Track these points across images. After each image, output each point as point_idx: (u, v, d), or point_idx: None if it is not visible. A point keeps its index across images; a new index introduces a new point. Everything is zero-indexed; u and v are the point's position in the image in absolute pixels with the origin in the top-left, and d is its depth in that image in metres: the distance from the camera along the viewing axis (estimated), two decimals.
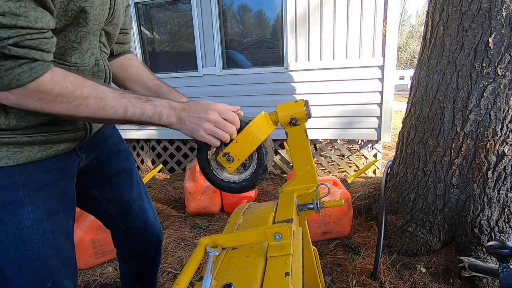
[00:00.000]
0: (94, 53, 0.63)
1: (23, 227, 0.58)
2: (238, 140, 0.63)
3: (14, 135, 0.57)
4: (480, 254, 1.49)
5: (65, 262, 0.66)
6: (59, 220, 0.65)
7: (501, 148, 1.49)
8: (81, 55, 0.60)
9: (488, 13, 1.41)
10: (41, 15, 0.47)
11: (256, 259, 0.51)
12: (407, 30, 34.22)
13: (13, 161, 0.57)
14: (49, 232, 0.62)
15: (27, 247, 0.59)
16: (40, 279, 0.61)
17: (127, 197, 0.86)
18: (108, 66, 0.70)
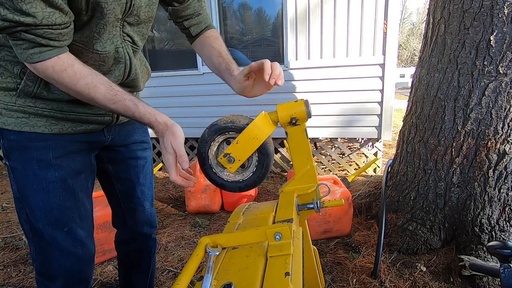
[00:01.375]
0: (114, 42, 0.70)
1: (48, 181, 0.74)
2: (238, 141, 0.63)
3: (53, 110, 0.71)
4: (480, 253, 1.49)
5: (81, 215, 0.80)
6: (80, 180, 0.79)
7: (502, 146, 1.49)
8: (102, 44, 0.68)
9: (489, 11, 1.41)
10: (48, 15, 0.55)
11: (256, 259, 0.51)
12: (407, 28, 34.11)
13: (48, 130, 0.72)
14: (70, 189, 0.77)
15: (50, 197, 0.74)
16: (59, 223, 0.76)
17: (134, 180, 0.96)
18: (129, 55, 0.76)
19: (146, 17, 0.75)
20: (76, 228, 0.79)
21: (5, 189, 3.28)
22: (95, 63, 0.70)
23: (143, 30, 0.78)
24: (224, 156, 0.65)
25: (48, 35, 0.57)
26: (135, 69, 0.79)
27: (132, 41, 0.76)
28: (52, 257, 0.77)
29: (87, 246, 0.82)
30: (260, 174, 0.69)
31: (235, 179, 0.70)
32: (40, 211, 0.74)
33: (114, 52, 0.72)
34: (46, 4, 0.53)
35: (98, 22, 0.64)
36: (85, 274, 0.83)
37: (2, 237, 2.19)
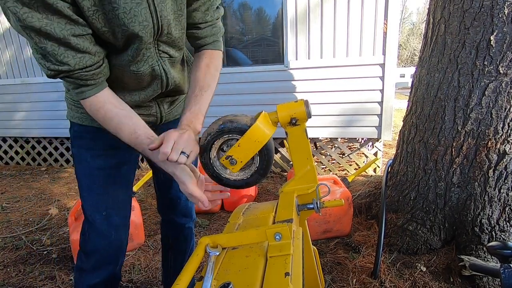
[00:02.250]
0: (149, 62, 0.75)
1: (94, 168, 0.85)
2: (240, 144, 0.64)
3: None
4: (480, 253, 1.49)
5: (119, 204, 0.90)
6: (122, 171, 0.89)
7: (502, 146, 1.49)
8: (137, 65, 0.74)
9: (490, 11, 1.41)
10: (79, 60, 0.63)
11: (256, 259, 0.51)
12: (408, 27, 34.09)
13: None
14: (111, 178, 0.87)
15: (94, 182, 0.86)
16: (99, 207, 0.86)
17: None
18: (165, 70, 0.80)
19: (178, 32, 0.77)
20: (112, 215, 0.88)
21: (5, 189, 3.28)
22: (135, 81, 0.78)
23: (179, 43, 0.81)
24: (226, 158, 0.65)
25: (84, 77, 0.66)
26: (173, 81, 0.84)
27: (169, 56, 0.80)
28: (90, 236, 0.88)
29: (120, 233, 0.91)
30: (261, 173, 0.70)
31: (236, 178, 0.71)
32: (86, 194, 0.87)
33: (151, 71, 0.77)
34: (76, 51, 0.62)
35: (132, 47, 0.70)
36: (115, 257, 0.92)
37: (2, 237, 2.19)
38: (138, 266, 1.76)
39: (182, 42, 0.82)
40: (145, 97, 0.83)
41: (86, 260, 0.90)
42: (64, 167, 4.01)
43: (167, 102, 0.93)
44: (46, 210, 2.63)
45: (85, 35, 0.62)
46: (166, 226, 1.21)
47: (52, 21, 0.56)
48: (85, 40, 0.62)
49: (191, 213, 1.18)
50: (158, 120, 0.92)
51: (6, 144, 4.24)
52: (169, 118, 0.96)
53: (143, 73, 0.76)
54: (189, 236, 1.21)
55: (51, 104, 3.70)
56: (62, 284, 1.65)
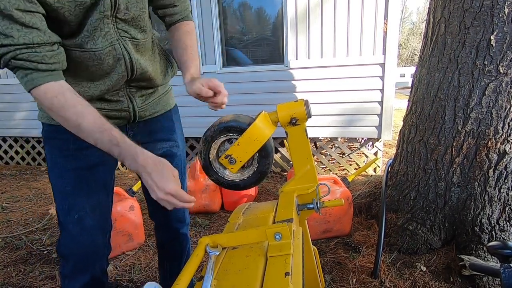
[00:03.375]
0: (108, 39, 0.72)
1: (66, 169, 0.81)
2: (239, 143, 0.63)
3: None
4: (480, 253, 1.49)
5: (93, 207, 0.84)
6: (97, 173, 0.84)
7: (503, 146, 1.49)
8: (94, 42, 0.70)
9: (490, 11, 1.40)
10: (24, 34, 0.58)
11: (256, 259, 0.51)
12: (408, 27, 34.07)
13: None
14: (84, 179, 0.82)
15: (66, 184, 0.81)
16: (71, 210, 0.82)
17: None
18: (127, 50, 0.76)
19: (137, 10, 0.76)
20: (85, 218, 0.83)
21: (5, 189, 3.28)
22: (95, 64, 0.72)
23: (140, 23, 0.79)
24: (226, 157, 0.65)
25: (33, 58, 0.60)
26: (138, 64, 0.79)
27: (130, 36, 0.77)
28: (64, 240, 0.85)
29: (94, 237, 0.85)
30: (260, 173, 0.69)
31: (236, 178, 0.70)
32: (58, 196, 0.83)
33: (111, 50, 0.73)
34: (21, 25, 0.58)
35: (86, 23, 0.67)
36: (91, 261, 0.86)
37: (2, 237, 2.19)
38: (138, 266, 1.76)
39: (143, 22, 0.79)
40: (111, 84, 0.78)
41: (65, 265, 0.86)
42: None
43: (140, 96, 0.88)
44: (46, 210, 2.63)
45: (33, 12, 0.59)
46: (160, 231, 1.17)
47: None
48: (33, 17, 0.59)
49: (184, 217, 1.13)
50: (131, 116, 0.86)
51: (6, 144, 4.24)
52: (145, 115, 0.90)
53: (102, 51, 0.72)
54: (184, 241, 1.17)
55: None
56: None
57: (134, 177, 3.37)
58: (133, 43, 0.78)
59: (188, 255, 1.20)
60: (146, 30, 0.82)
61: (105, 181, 0.88)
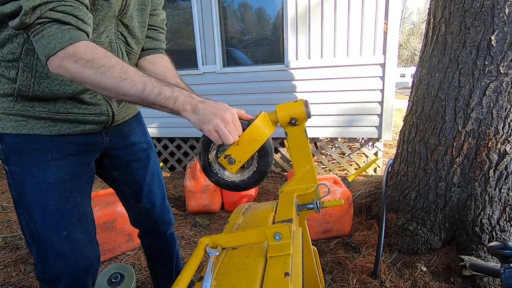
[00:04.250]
0: (109, 35, 0.74)
1: (47, 183, 0.73)
2: (239, 142, 0.63)
3: (50, 112, 0.72)
4: (481, 253, 1.48)
5: (81, 218, 0.79)
6: (80, 182, 0.79)
7: (503, 146, 1.49)
8: (98, 34, 0.71)
9: (490, 11, 1.40)
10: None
11: (256, 259, 0.51)
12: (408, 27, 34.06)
13: (47, 132, 0.73)
14: (68, 191, 0.76)
15: (49, 199, 0.73)
16: (57, 227, 0.74)
17: (141, 182, 0.99)
18: (121, 51, 0.79)
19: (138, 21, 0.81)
20: (75, 232, 0.77)
21: (5, 188, 3.28)
22: None
23: (137, 34, 0.83)
24: (225, 157, 0.64)
25: (77, 12, 0.57)
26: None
27: (125, 42, 0.81)
28: (51, 262, 0.75)
29: (86, 251, 0.79)
30: (260, 174, 0.69)
31: (236, 179, 0.70)
32: (38, 215, 0.73)
33: (108, 46, 0.76)
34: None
35: (97, 14, 0.69)
36: (84, 278, 0.80)
37: (3, 237, 2.19)
38: (138, 266, 1.76)
39: (141, 35, 0.84)
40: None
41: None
42: None
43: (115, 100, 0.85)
44: None
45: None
46: (147, 238, 1.13)
47: None
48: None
49: (169, 218, 1.11)
50: (110, 119, 0.83)
51: None
52: (119, 118, 0.88)
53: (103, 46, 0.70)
54: (172, 242, 1.16)
55: None
56: None
57: None
58: (126, 49, 0.82)
59: (177, 256, 1.19)
60: (141, 44, 0.86)
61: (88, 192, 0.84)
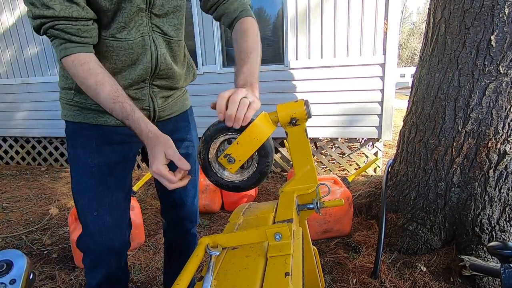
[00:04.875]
0: (140, 30, 0.76)
1: (89, 166, 0.84)
2: (239, 141, 0.62)
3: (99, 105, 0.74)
4: (480, 253, 1.48)
5: (112, 203, 0.87)
6: (117, 170, 0.87)
7: (503, 146, 1.49)
8: (128, 31, 0.75)
9: (490, 11, 1.40)
10: (65, 8, 0.64)
11: (256, 259, 0.51)
12: (408, 27, 34.06)
13: (95, 121, 0.84)
14: (104, 175, 0.85)
15: (88, 180, 0.84)
16: (91, 206, 0.85)
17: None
18: (155, 43, 0.80)
19: (171, 7, 0.78)
20: (104, 215, 0.85)
21: (5, 189, 3.28)
22: (126, 52, 0.77)
23: (173, 20, 0.81)
24: (225, 156, 0.64)
25: (68, 30, 0.66)
26: (164, 58, 0.82)
27: (162, 32, 0.80)
28: (83, 237, 0.88)
29: (112, 234, 0.87)
30: (260, 173, 0.69)
31: (235, 179, 0.70)
32: (79, 193, 0.86)
33: (141, 40, 0.77)
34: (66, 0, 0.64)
35: (123, 12, 0.72)
36: (107, 258, 0.89)
37: (2, 237, 2.19)
38: (138, 266, 1.76)
39: (177, 20, 0.82)
40: (136, 76, 0.80)
41: (85, 259, 0.90)
42: (64, 167, 4.01)
43: (161, 97, 0.90)
44: (47, 210, 2.64)
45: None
46: (170, 231, 1.17)
47: None
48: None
49: (195, 218, 1.14)
50: (150, 115, 0.89)
51: (6, 144, 4.25)
52: (164, 115, 0.93)
53: (134, 41, 0.76)
54: (193, 242, 1.18)
55: (51, 104, 3.70)
56: (62, 283, 1.66)
57: (134, 177, 3.37)
58: (164, 39, 0.81)
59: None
60: (181, 29, 0.84)
61: (123, 180, 0.90)
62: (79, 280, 1.68)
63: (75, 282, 1.66)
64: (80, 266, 1.76)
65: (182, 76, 0.93)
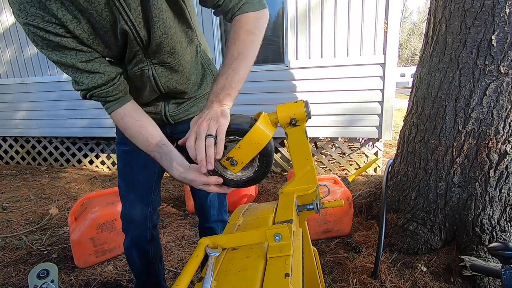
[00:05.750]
0: (139, 66, 0.85)
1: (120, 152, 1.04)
2: (240, 146, 0.63)
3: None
4: (481, 253, 1.48)
5: (134, 183, 1.05)
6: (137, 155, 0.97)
7: (503, 146, 1.48)
8: (132, 66, 0.85)
9: (491, 10, 1.40)
10: (91, 80, 0.77)
11: (256, 260, 0.51)
12: (408, 27, 34.05)
13: None
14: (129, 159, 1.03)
15: (119, 163, 1.06)
16: (121, 185, 1.07)
17: None
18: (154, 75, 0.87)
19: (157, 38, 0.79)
20: (128, 193, 1.05)
21: (5, 188, 3.28)
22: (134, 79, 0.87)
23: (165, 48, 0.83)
24: (227, 159, 0.65)
25: (102, 95, 0.79)
26: (165, 86, 0.90)
27: (159, 62, 0.85)
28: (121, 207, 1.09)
29: (133, 209, 1.06)
30: (261, 173, 0.70)
31: (237, 178, 0.71)
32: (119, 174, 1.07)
33: (141, 73, 0.85)
34: (88, 73, 0.76)
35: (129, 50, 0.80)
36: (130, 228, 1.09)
37: (2, 237, 2.20)
38: None
39: (168, 47, 0.81)
40: (145, 97, 0.92)
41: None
42: (64, 167, 4.01)
43: (174, 103, 0.98)
44: (46, 209, 2.64)
45: (92, 59, 0.75)
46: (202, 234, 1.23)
47: (65, 54, 0.73)
48: (94, 64, 0.76)
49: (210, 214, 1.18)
50: (163, 118, 0.98)
51: (6, 144, 4.25)
52: (179, 117, 1.01)
53: (135, 74, 0.85)
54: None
55: (51, 104, 3.70)
56: (62, 283, 1.65)
57: None
58: (165, 67, 0.86)
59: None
60: (175, 52, 0.84)
61: (147, 165, 1.03)
62: (79, 280, 1.68)
63: (75, 282, 1.66)
64: (80, 266, 1.76)
65: (196, 85, 0.98)
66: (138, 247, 1.12)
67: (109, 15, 0.71)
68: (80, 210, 1.90)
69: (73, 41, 0.72)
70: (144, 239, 1.11)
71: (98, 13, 0.70)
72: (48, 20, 0.68)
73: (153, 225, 1.12)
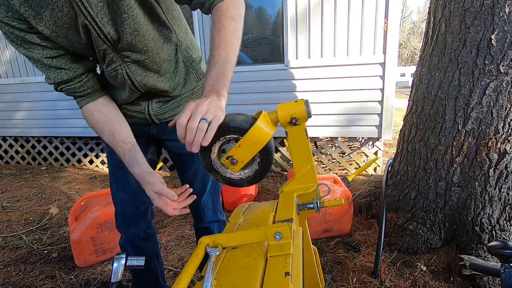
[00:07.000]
0: (112, 66, 0.83)
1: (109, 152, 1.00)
2: (241, 144, 0.63)
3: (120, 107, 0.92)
4: (480, 252, 1.49)
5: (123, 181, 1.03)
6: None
7: (503, 146, 1.49)
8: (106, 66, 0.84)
9: (491, 10, 1.40)
10: (57, 75, 0.79)
11: (256, 259, 0.51)
12: (408, 26, 34.05)
13: None
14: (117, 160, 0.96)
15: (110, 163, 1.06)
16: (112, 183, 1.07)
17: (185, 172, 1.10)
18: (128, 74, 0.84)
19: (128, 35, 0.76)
20: (118, 191, 1.06)
21: (5, 188, 3.28)
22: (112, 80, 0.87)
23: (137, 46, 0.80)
24: (227, 158, 0.65)
25: (69, 90, 0.82)
26: (143, 84, 0.86)
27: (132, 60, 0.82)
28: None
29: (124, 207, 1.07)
30: (261, 172, 0.70)
31: (237, 177, 0.71)
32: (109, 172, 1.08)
33: (115, 74, 0.83)
34: (53, 68, 0.78)
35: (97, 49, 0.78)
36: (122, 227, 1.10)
37: (3, 236, 2.20)
38: None
39: (141, 45, 0.79)
40: (127, 97, 0.90)
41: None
42: (64, 167, 4.01)
43: (157, 102, 0.95)
44: (47, 209, 2.64)
45: (58, 56, 0.76)
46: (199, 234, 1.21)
47: (32, 49, 0.74)
48: (60, 60, 0.77)
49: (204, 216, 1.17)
50: (147, 117, 0.96)
51: (6, 144, 4.25)
52: (164, 117, 0.97)
53: (110, 74, 0.84)
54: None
55: (51, 103, 3.70)
56: (63, 283, 1.66)
57: None
58: (138, 64, 0.83)
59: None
60: (148, 50, 0.81)
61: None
62: (79, 279, 1.68)
63: (75, 281, 1.66)
64: (80, 265, 1.77)
65: (179, 84, 0.93)
66: (133, 245, 1.12)
67: (70, 11, 0.70)
68: (80, 210, 1.90)
69: (38, 36, 0.73)
70: (138, 238, 1.12)
71: (59, 8, 0.70)
72: (12, 16, 0.69)
73: (146, 224, 1.12)
